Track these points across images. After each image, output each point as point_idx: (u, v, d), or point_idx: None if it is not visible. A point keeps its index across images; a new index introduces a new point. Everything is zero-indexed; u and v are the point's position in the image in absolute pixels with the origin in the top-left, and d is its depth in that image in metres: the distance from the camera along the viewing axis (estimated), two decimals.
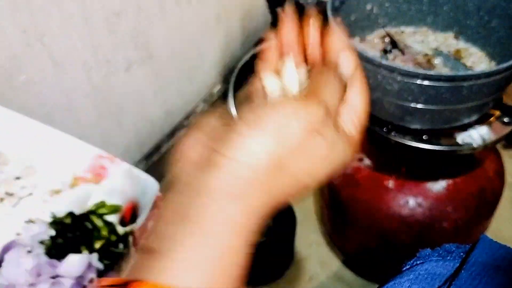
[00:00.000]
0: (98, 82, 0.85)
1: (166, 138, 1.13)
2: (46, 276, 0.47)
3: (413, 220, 0.77)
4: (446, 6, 0.82)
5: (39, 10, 0.68)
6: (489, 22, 0.78)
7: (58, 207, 0.52)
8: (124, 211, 0.50)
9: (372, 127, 0.72)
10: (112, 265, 0.48)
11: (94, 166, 0.52)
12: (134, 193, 0.51)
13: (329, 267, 0.98)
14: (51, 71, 0.74)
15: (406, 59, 0.79)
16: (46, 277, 0.47)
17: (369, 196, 0.80)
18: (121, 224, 0.50)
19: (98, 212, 0.51)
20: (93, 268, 0.48)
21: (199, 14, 1.07)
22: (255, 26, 1.31)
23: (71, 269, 0.47)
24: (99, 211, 0.51)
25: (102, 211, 0.51)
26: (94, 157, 0.52)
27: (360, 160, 0.84)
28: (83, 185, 0.52)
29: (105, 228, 0.50)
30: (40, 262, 0.48)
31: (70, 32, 0.75)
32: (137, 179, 0.51)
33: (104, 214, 0.51)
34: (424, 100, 0.62)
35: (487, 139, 0.69)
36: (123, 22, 0.85)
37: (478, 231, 0.81)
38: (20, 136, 0.54)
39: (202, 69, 1.17)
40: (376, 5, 0.82)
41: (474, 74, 0.59)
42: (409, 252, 0.59)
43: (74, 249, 0.49)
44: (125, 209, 0.50)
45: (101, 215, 0.50)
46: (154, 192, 0.48)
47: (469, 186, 0.78)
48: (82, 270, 0.47)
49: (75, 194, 0.52)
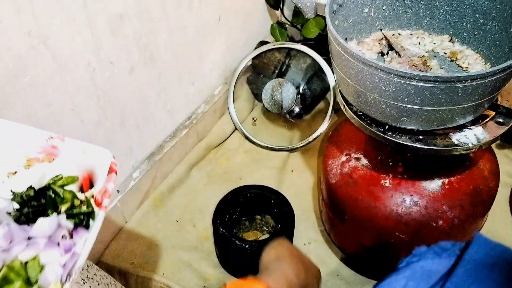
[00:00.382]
0: (101, 84, 0.86)
1: (169, 138, 1.14)
2: (20, 238, 0.49)
3: (410, 218, 0.77)
4: (442, 9, 0.82)
5: (43, 13, 0.69)
6: (484, 24, 0.78)
7: (16, 187, 0.53)
8: (81, 181, 0.53)
9: (369, 127, 0.73)
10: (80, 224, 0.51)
11: (45, 147, 0.54)
12: (88, 165, 0.53)
13: (328, 264, 0.99)
14: (55, 72, 0.75)
15: (403, 61, 0.80)
16: (20, 240, 0.49)
17: (366, 195, 0.80)
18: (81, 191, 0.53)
19: (57, 183, 0.53)
20: (63, 227, 0.50)
21: (201, 17, 1.07)
22: (255, 29, 1.32)
23: (42, 230, 0.49)
24: (57, 183, 0.53)
25: (59, 183, 0.53)
26: (45, 139, 0.54)
27: (357, 160, 0.85)
28: (37, 164, 0.54)
29: (68, 194, 0.52)
30: (11, 229, 0.50)
31: (74, 34, 0.76)
32: (90, 152, 0.53)
33: (64, 184, 0.53)
34: (420, 101, 0.63)
35: (482, 139, 0.69)
36: (126, 24, 0.86)
37: (473, 230, 0.82)
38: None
39: (204, 71, 1.18)
40: (373, 8, 0.83)
41: (470, 76, 0.59)
42: (405, 250, 0.59)
43: (42, 214, 0.51)
44: (81, 179, 0.53)
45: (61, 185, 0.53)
46: (108, 160, 0.51)
47: (464, 185, 0.79)
48: (53, 230, 0.49)
49: (30, 173, 0.54)
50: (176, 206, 1.12)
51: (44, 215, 0.51)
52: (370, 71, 0.63)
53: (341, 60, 0.67)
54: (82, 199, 0.52)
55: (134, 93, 0.96)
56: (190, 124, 1.18)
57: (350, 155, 0.86)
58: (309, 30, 1.21)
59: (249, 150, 1.24)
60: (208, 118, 1.24)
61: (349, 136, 0.89)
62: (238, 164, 1.21)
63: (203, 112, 1.21)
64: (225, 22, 1.18)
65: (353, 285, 0.95)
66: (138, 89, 0.96)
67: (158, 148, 1.11)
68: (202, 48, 1.13)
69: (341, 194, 0.84)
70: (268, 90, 1.18)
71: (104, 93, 0.87)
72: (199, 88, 1.19)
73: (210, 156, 1.24)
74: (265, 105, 1.19)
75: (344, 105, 0.78)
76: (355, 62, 0.64)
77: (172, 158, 1.16)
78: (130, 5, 0.85)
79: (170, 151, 1.13)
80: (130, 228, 1.06)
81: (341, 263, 0.99)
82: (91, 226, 0.50)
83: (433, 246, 0.56)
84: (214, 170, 1.20)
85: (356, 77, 0.67)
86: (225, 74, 1.27)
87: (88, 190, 0.52)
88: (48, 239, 0.49)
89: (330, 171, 0.87)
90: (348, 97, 0.75)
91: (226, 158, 1.23)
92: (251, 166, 1.20)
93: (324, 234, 1.04)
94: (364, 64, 0.63)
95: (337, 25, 0.77)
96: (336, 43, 0.66)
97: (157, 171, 1.11)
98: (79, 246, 0.49)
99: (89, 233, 0.49)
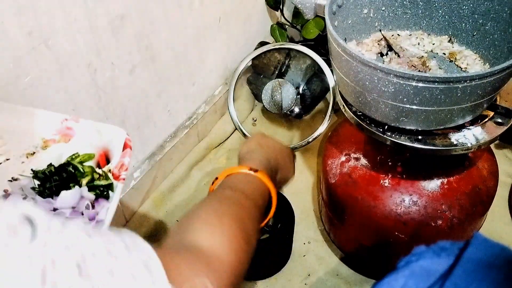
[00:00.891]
0: (102, 84, 0.86)
1: (169, 138, 1.14)
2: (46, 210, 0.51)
3: (409, 218, 0.78)
4: (441, 9, 0.83)
5: (44, 13, 0.69)
6: (483, 25, 0.78)
7: (36, 166, 0.55)
8: (98, 158, 0.55)
9: (369, 128, 0.74)
10: (101, 195, 0.53)
11: (60, 128, 0.56)
12: (103, 143, 0.55)
13: (327, 263, 0.99)
14: (56, 72, 0.75)
15: (402, 61, 0.80)
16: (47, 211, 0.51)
17: (365, 195, 0.81)
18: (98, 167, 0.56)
19: (76, 160, 0.55)
20: (85, 198, 0.53)
21: (201, 17, 1.08)
22: (255, 29, 1.32)
23: (66, 201, 0.52)
24: (75, 160, 0.55)
25: (77, 160, 0.56)
26: (60, 121, 0.56)
27: (357, 160, 0.85)
28: (54, 145, 0.56)
29: (87, 168, 0.55)
30: (37, 201, 0.52)
31: (75, 34, 0.76)
32: (104, 131, 0.55)
33: (82, 161, 0.56)
34: (419, 102, 0.63)
35: (481, 139, 0.70)
36: (127, 25, 0.86)
37: (472, 229, 0.82)
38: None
39: (204, 71, 1.18)
40: (373, 9, 0.83)
41: (468, 76, 0.59)
42: (405, 249, 0.60)
43: (65, 188, 0.53)
44: (98, 156, 0.55)
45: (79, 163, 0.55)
46: (123, 137, 0.53)
47: (463, 185, 0.79)
48: (76, 202, 0.52)
49: (48, 153, 0.56)
50: (176, 206, 1.12)
51: (67, 188, 0.54)
52: (369, 71, 0.63)
53: (341, 60, 0.68)
54: (100, 173, 0.54)
55: (135, 94, 0.96)
56: (191, 124, 1.19)
57: (349, 155, 0.87)
58: (309, 30, 1.22)
59: None
60: (208, 118, 1.25)
61: (349, 136, 0.90)
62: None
63: (203, 112, 1.22)
64: (225, 23, 1.18)
65: (352, 284, 0.96)
66: (139, 90, 0.97)
67: (158, 148, 1.11)
68: (203, 49, 1.13)
69: (341, 194, 0.85)
70: (268, 91, 1.18)
71: (105, 93, 0.87)
72: (199, 88, 1.19)
73: (210, 156, 1.24)
74: (265, 105, 1.19)
75: (343, 105, 0.78)
76: (355, 63, 0.64)
77: (173, 158, 1.16)
78: (131, 5, 0.85)
79: (171, 151, 1.14)
80: (131, 227, 1.06)
81: (341, 262, 0.99)
82: (111, 197, 0.53)
83: (432, 246, 0.55)
84: (215, 170, 1.20)
85: (355, 78, 0.67)
86: (225, 75, 1.27)
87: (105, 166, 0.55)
88: (72, 210, 0.52)
89: (329, 171, 0.88)
90: (348, 97, 0.76)
91: (226, 158, 1.23)
92: None
93: (323, 234, 1.04)
94: (364, 64, 0.63)
95: (337, 26, 0.77)
96: (336, 43, 0.67)
97: (157, 171, 1.12)
98: (102, 214, 0.52)
99: (110, 203, 0.52)
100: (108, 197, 0.54)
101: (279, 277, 0.98)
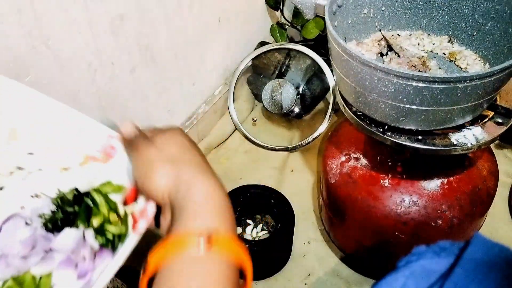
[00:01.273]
0: (102, 84, 0.86)
1: None
2: (40, 248, 0.47)
3: (409, 218, 0.78)
4: (441, 9, 0.83)
5: (44, 14, 0.69)
6: (483, 25, 0.78)
7: (65, 184, 0.51)
8: (128, 193, 0.49)
9: (369, 128, 0.74)
10: (107, 245, 0.47)
11: (105, 146, 0.51)
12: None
13: (327, 263, 0.99)
14: (56, 73, 0.75)
15: (402, 61, 0.80)
16: (39, 250, 0.47)
17: (365, 195, 0.81)
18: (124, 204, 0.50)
19: (102, 191, 0.50)
20: (88, 245, 0.47)
21: (201, 17, 1.08)
22: (255, 30, 1.32)
23: (65, 242, 0.46)
24: (104, 189, 0.50)
25: (106, 189, 0.50)
26: (106, 137, 0.51)
27: (357, 160, 0.85)
28: (92, 163, 0.51)
29: (105, 206, 0.48)
30: (35, 234, 0.48)
31: (75, 35, 0.76)
32: None
33: (108, 192, 0.50)
34: (419, 102, 0.63)
35: (481, 139, 0.70)
36: (127, 25, 0.86)
37: (472, 229, 0.82)
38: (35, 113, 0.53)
39: (204, 71, 1.18)
40: (373, 9, 0.83)
41: (468, 76, 0.59)
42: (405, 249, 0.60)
43: (72, 224, 0.48)
44: (129, 191, 0.49)
45: (104, 194, 0.50)
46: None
47: (463, 185, 0.79)
48: (75, 245, 0.46)
49: (82, 172, 0.51)
50: None
51: (74, 225, 0.48)
52: (369, 71, 0.63)
53: (341, 60, 0.68)
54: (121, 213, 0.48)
55: (135, 94, 0.96)
56: (191, 124, 1.19)
57: (349, 155, 0.87)
58: (309, 31, 1.22)
59: (249, 150, 1.24)
60: (208, 118, 1.25)
61: (349, 136, 0.90)
62: (238, 164, 1.21)
63: (203, 112, 1.22)
64: (225, 23, 1.18)
65: (352, 284, 0.96)
66: (139, 90, 0.97)
67: None
68: (203, 49, 1.13)
69: (341, 193, 0.85)
70: (268, 91, 1.18)
71: (105, 93, 0.87)
72: (199, 88, 1.19)
73: (210, 156, 1.24)
74: (265, 105, 1.19)
75: (343, 105, 0.78)
76: (355, 63, 0.64)
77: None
78: (130, 5, 0.85)
79: None
80: None
81: (341, 262, 0.99)
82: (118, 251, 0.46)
83: (432, 246, 0.55)
84: (214, 170, 1.20)
85: (355, 78, 0.67)
86: (225, 75, 1.27)
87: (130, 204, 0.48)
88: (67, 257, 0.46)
89: (329, 171, 0.88)
90: (348, 97, 0.76)
91: (226, 158, 1.23)
92: (251, 166, 1.20)
93: (323, 234, 1.04)
94: (364, 64, 0.63)
95: (337, 26, 0.77)
96: (336, 43, 0.67)
97: None
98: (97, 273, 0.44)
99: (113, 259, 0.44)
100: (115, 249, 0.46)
101: (279, 277, 0.98)
